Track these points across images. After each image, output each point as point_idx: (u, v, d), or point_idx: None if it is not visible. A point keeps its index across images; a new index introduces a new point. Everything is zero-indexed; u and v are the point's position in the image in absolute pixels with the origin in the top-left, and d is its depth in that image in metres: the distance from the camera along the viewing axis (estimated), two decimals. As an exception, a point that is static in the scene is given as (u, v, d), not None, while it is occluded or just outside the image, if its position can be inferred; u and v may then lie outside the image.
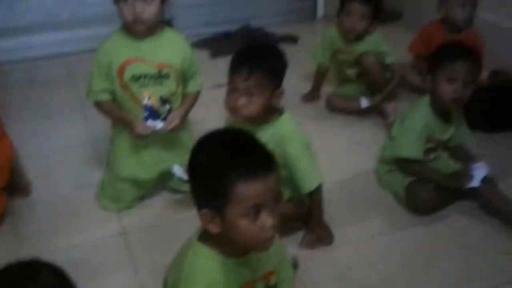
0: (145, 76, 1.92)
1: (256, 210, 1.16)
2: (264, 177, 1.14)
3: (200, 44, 3.53)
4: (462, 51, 1.97)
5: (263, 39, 3.55)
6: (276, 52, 1.78)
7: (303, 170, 1.77)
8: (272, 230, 1.18)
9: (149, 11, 1.83)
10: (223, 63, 1.79)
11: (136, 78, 1.92)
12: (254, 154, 1.19)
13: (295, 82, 3.05)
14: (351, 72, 2.73)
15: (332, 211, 2.01)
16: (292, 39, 3.59)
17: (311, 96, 2.88)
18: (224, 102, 1.75)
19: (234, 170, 1.14)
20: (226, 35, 3.63)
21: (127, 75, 1.91)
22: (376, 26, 2.65)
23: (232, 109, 1.73)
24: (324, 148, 2.38)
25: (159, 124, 1.97)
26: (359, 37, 2.62)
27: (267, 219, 1.17)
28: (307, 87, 2.92)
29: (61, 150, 2.47)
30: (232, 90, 1.70)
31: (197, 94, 2.06)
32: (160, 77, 1.93)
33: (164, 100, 1.98)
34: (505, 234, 1.95)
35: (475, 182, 1.97)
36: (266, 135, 1.72)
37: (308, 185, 1.79)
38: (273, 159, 1.20)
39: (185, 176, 1.91)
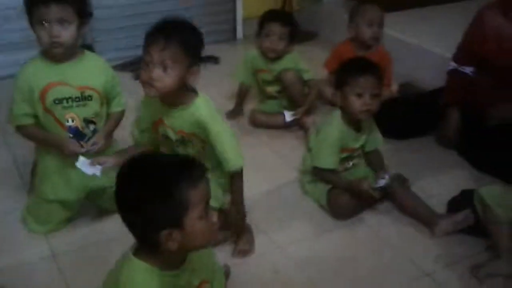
0: (67, 99, 1.94)
1: (206, 209, 1.26)
2: (203, 178, 1.26)
3: (123, 67, 3.56)
4: (364, 67, 2.13)
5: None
6: (193, 28, 1.80)
7: (227, 150, 1.85)
8: (216, 223, 1.31)
9: (66, 34, 1.86)
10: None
11: (59, 101, 1.94)
12: (188, 163, 1.27)
13: (218, 100, 3.15)
14: (272, 89, 2.87)
15: (259, 219, 2.11)
16: (214, 59, 3.69)
17: (235, 113, 2.98)
18: (140, 78, 1.76)
19: (182, 181, 1.22)
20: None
21: (49, 99, 1.93)
22: (293, 46, 2.80)
23: (146, 82, 1.71)
24: (249, 161, 2.42)
25: (83, 149, 1.98)
26: (278, 56, 2.77)
27: (213, 215, 1.29)
28: (230, 105, 3.02)
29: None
30: (146, 63, 1.71)
31: (121, 114, 2.10)
32: (83, 99, 1.97)
33: (88, 121, 2.01)
34: (420, 231, 2.11)
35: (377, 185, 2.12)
36: (183, 117, 1.79)
37: (233, 164, 1.86)
38: (201, 162, 1.31)
39: (89, 171, 1.93)
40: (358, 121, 2.19)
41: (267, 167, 2.54)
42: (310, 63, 2.94)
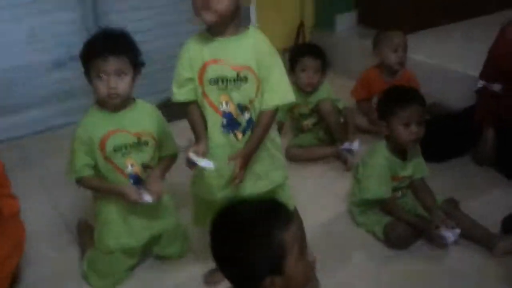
0: (126, 146, 1.99)
1: (301, 249, 1.27)
2: (292, 218, 1.29)
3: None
4: (409, 97, 2.18)
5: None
6: None
7: (281, 82, 1.81)
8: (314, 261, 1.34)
9: (123, 85, 1.92)
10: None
11: (118, 148, 1.98)
12: (275, 207, 1.31)
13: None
14: (309, 122, 2.91)
15: (317, 254, 2.11)
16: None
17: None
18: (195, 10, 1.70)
19: (275, 227, 1.24)
20: (167, 102, 3.69)
21: (109, 146, 1.97)
22: (325, 76, 2.86)
23: (205, 8, 1.67)
24: (294, 196, 2.51)
25: (146, 197, 2.00)
26: (314, 89, 2.81)
27: (309, 254, 1.31)
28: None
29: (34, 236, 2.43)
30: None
31: (172, 157, 2.12)
32: (140, 144, 2.02)
33: (145, 167, 2.05)
34: (481, 254, 2.13)
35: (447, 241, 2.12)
36: (241, 46, 1.75)
37: (284, 96, 1.82)
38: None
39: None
40: (403, 150, 2.23)
41: (312, 201, 2.55)
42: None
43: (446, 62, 3.40)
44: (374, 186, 2.19)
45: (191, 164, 1.75)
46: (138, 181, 2.04)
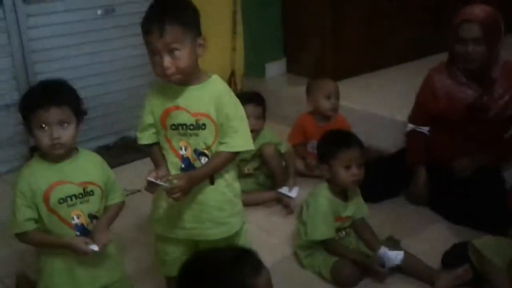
0: (71, 197, 1.93)
1: None
2: (262, 263, 1.34)
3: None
4: (349, 139, 2.29)
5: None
6: (182, 1, 1.85)
7: (239, 131, 1.87)
8: None
9: (66, 135, 1.88)
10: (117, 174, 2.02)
11: (63, 200, 1.92)
12: (244, 254, 1.35)
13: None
14: (250, 167, 2.95)
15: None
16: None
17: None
18: (153, 71, 1.79)
19: (248, 276, 1.26)
20: (107, 148, 3.67)
21: (53, 198, 1.90)
22: (264, 123, 2.94)
23: (162, 73, 1.76)
24: None
25: (93, 246, 1.93)
26: (256, 135, 2.87)
27: None
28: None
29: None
30: (152, 53, 1.76)
31: (120, 205, 2.08)
32: (86, 194, 1.96)
33: (92, 217, 1.99)
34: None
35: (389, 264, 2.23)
36: (204, 93, 1.84)
37: (242, 145, 1.89)
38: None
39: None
40: (344, 191, 2.31)
41: (258, 246, 2.55)
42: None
43: (372, 107, 3.59)
44: (319, 227, 2.25)
45: (151, 186, 1.81)
46: (84, 232, 1.97)
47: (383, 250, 2.23)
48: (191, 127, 1.86)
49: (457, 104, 2.68)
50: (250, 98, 2.90)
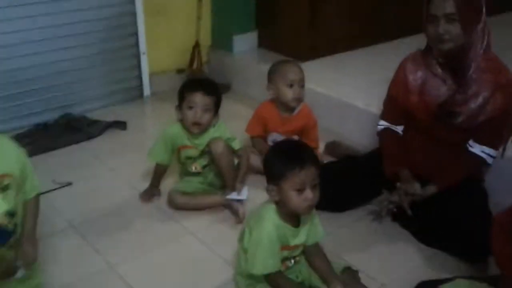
0: None
1: None
2: None
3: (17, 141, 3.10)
4: (302, 156, 1.83)
5: (89, 128, 3.23)
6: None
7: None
8: None
9: None
10: (45, 162, 1.90)
11: None
12: None
13: (128, 175, 2.80)
14: (197, 164, 2.56)
15: None
16: (121, 125, 3.31)
17: (150, 193, 2.62)
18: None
19: None
20: (43, 127, 3.24)
21: None
22: (218, 117, 2.52)
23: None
24: (173, 255, 2.22)
25: (20, 273, 1.66)
26: (203, 130, 2.47)
27: None
28: (144, 184, 2.66)
29: None
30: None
31: (37, 198, 1.82)
32: (2, 189, 1.63)
33: (11, 214, 1.68)
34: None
35: None
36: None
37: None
38: None
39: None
40: (296, 215, 1.92)
41: (195, 264, 2.21)
42: (226, 118, 2.63)
43: (347, 95, 3.18)
44: (260, 260, 1.85)
45: None
46: (4, 235, 1.65)
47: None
48: None
49: (428, 102, 2.27)
50: (200, 86, 2.47)
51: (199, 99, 2.42)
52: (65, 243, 2.31)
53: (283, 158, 1.84)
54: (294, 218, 1.91)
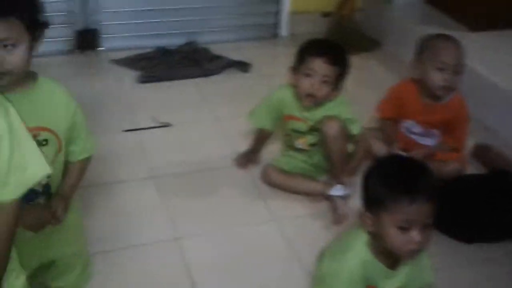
0: None
1: None
2: None
3: (130, 62, 2.90)
4: (414, 184, 1.34)
5: (209, 63, 2.93)
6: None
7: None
8: None
9: (12, 60, 1.27)
10: (154, 93, 1.61)
11: None
12: None
13: (233, 128, 2.45)
14: (304, 141, 2.13)
15: None
16: (243, 66, 2.95)
17: (247, 159, 2.27)
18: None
19: None
20: (164, 52, 2.99)
21: None
22: (340, 91, 2.05)
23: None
24: (245, 243, 1.90)
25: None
26: (318, 104, 2.03)
27: None
28: (244, 144, 2.30)
29: None
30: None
31: (86, 162, 1.56)
32: (37, 145, 1.37)
33: None
34: None
35: None
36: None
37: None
38: None
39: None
40: (394, 255, 1.45)
41: (266, 260, 1.85)
42: (365, 83, 2.17)
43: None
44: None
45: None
46: (29, 193, 1.38)
47: None
48: None
49: None
50: (325, 50, 2.00)
51: (320, 67, 1.97)
52: (136, 196, 2.08)
53: (388, 182, 1.36)
54: (390, 257, 1.44)
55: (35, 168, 1.23)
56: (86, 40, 2.96)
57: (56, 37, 2.86)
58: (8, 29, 1.24)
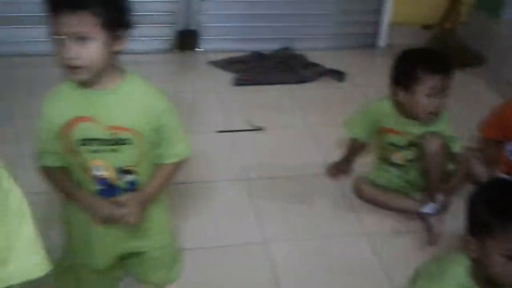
0: (94, 140, 1.38)
1: None
2: None
3: (225, 64, 2.94)
4: None
5: (305, 70, 2.91)
6: None
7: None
8: None
9: (87, 54, 1.27)
10: (248, 96, 1.56)
11: (83, 143, 1.38)
12: None
13: (325, 135, 2.42)
14: (402, 155, 2.06)
15: None
16: (338, 75, 2.91)
17: (339, 169, 2.23)
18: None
19: None
20: (259, 56, 3.00)
21: (72, 138, 1.38)
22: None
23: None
24: (333, 255, 1.85)
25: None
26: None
27: None
28: (336, 153, 2.27)
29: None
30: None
31: (176, 166, 1.50)
32: (115, 143, 1.39)
33: (123, 171, 1.44)
34: None
35: None
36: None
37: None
38: None
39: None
40: (495, 282, 1.35)
41: (352, 275, 1.79)
42: (465, 99, 2.06)
43: None
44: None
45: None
46: (109, 189, 1.44)
47: None
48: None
49: None
50: (439, 64, 1.91)
51: (441, 84, 1.89)
52: (226, 197, 2.09)
53: (497, 208, 1.27)
54: (493, 286, 1.36)
55: (20, 264, 0.98)
56: (186, 40, 3.03)
57: (157, 36, 2.95)
58: (79, 23, 1.24)
